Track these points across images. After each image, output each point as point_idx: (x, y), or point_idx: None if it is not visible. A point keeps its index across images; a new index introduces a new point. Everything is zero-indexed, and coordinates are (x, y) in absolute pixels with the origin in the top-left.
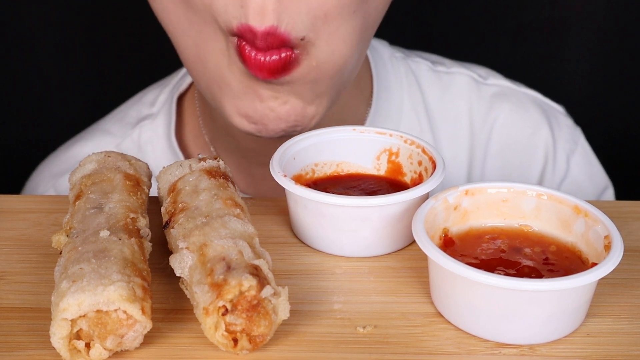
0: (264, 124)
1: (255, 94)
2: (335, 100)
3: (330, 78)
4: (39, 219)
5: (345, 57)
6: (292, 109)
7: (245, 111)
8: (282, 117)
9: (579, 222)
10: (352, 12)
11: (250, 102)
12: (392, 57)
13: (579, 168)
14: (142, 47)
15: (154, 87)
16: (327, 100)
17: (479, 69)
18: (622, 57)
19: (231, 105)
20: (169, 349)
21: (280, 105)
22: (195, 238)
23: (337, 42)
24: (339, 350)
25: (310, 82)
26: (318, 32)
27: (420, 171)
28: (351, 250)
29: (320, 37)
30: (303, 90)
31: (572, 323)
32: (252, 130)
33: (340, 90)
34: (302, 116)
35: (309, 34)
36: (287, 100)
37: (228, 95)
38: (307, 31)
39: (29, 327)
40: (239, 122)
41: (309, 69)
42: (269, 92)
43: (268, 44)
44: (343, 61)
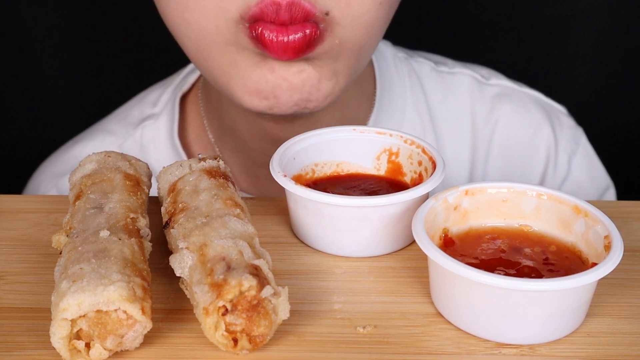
0: (275, 96)
1: (266, 66)
2: (349, 83)
3: (349, 58)
4: (39, 219)
5: (364, 42)
6: (308, 78)
7: (256, 86)
8: (295, 87)
9: (579, 222)
10: (378, 3)
11: (261, 74)
12: (395, 57)
13: (581, 169)
14: (143, 47)
15: (156, 86)
16: (344, 80)
17: (481, 69)
18: (624, 57)
19: (240, 85)
20: (169, 349)
21: (294, 74)
22: (195, 238)
23: (360, 26)
24: (339, 350)
25: (332, 57)
26: (343, 13)
27: (420, 171)
28: (351, 250)
29: (345, 18)
30: (322, 65)
31: (572, 323)
32: (264, 107)
33: (355, 74)
34: (317, 89)
35: (333, 11)
36: (302, 68)
37: (236, 76)
38: (331, 7)
39: (29, 327)
40: (249, 100)
41: (332, 46)
42: (282, 64)
43: (292, 15)
44: (361, 45)
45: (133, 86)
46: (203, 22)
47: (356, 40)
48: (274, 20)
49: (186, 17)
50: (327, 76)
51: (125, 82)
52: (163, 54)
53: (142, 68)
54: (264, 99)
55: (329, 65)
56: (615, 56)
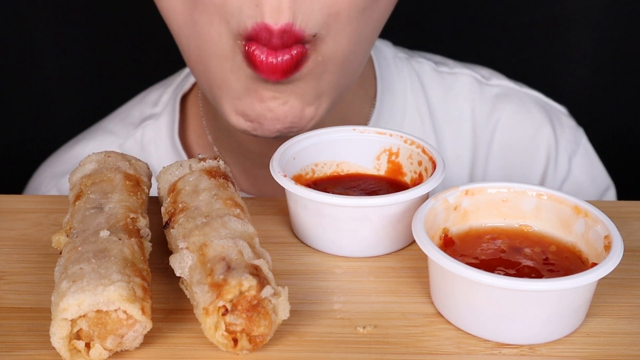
0: (260, 123)
1: (255, 95)
2: (336, 102)
3: (333, 74)
4: (39, 219)
5: (347, 54)
6: (291, 109)
7: (243, 110)
8: (279, 118)
9: (579, 222)
10: (361, 9)
11: (250, 102)
12: (395, 57)
13: (581, 169)
14: (144, 47)
15: (156, 86)
16: (328, 102)
17: (481, 70)
18: (623, 57)
19: (230, 104)
20: (169, 349)
21: (279, 105)
22: (195, 238)
23: (343, 38)
24: (339, 350)
25: (315, 78)
26: (329, 29)
27: (420, 171)
28: (351, 250)
29: (329, 34)
30: (306, 89)
31: (572, 323)
32: (248, 128)
33: (342, 92)
34: (300, 118)
35: (320, 31)
36: (286, 100)
37: (228, 95)
38: (320, 28)
39: (29, 327)
40: (235, 120)
41: (316, 64)
42: (270, 93)
43: (284, 42)
44: (344, 58)
45: (133, 86)
46: (208, 27)
47: (338, 54)
48: (266, 44)
49: (195, 18)
50: (309, 101)
51: (126, 82)
52: (163, 54)
53: (142, 68)
54: (249, 121)
55: (313, 88)
56: (615, 56)
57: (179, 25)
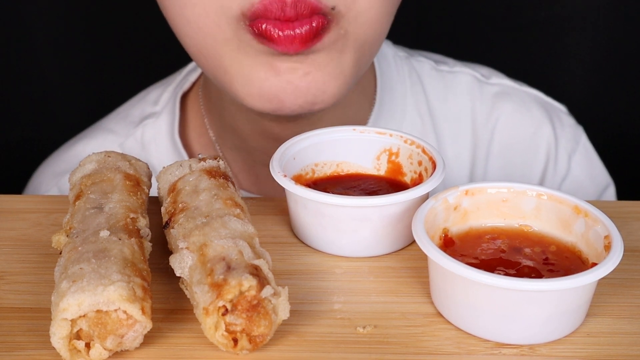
0: (280, 100)
1: (270, 67)
2: (355, 81)
3: (355, 51)
4: (39, 219)
5: (368, 37)
6: (313, 81)
7: (260, 88)
8: (301, 91)
9: (579, 222)
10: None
11: (265, 76)
12: (395, 56)
13: (581, 167)
14: (143, 46)
15: (157, 85)
16: (350, 78)
17: (481, 69)
18: (623, 56)
19: (244, 86)
20: (169, 349)
21: (300, 77)
22: (195, 238)
23: (365, 21)
24: (339, 350)
25: (338, 51)
26: (349, 6)
27: (420, 171)
28: (351, 250)
29: (349, 12)
30: (328, 61)
31: (572, 323)
32: (268, 109)
33: (359, 75)
34: (323, 91)
35: (339, 5)
36: (308, 71)
37: (239, 76)
38: (338, 1)
39: (29, 327)
40: (252, 102)
41: (338, 37)
42: (286, 65)
43: (298, 11)
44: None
45: (134, 85)
46: (202, 20)
47: (361, 34)
48: (279, 17)
49: (186, 15)
50: (333, 75)
51: (126, 81)
52: (163, 53)
53: (142, 67)
54: (268, 101)
55: (335, 60)
56: (615, 56)
57: (176, 22)
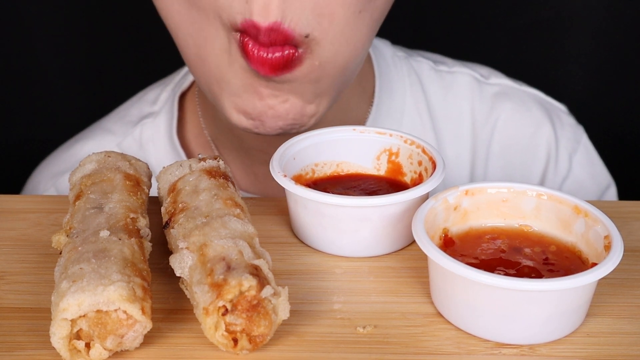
0: (261, 120)
1: (255, 92)
2: (336, 99)
3: (333, 77)
4: (39, 219)
5: (348, 58)
6: (292, 107)
7: (244, 108)
8: (280, 115)
9: (579, 222)
10: (358, 11)
11: (250, 99)
12: (394, 56)
13: (581, 167)
14: (143, 46)
15: (155, 85)
16: (328, 100)
17: (480, 69)
18: (623, 56)
19: (230, 102)
20: (169, 349)
21: (279, 103)
22: (195, 238)
23: (342, 42)
24: (339, 350)
25: (312, 81)
26: (324, 32)
27: (420, 171)
28: (351, 250)
29: (326, 37)
30: (304, 90)
31: (572, 323)
32: (250, 126)
33: (342, 89)
34: (301, 115)
35: (313, 32)
36: (287, 98)
37: (227, 92)
38: (312, 29)
39: (29, 327)
40: (237, 118)
41: (312, 68)
42: (269, 91)
43: (271, 40)
44: (345, 62)
45: (133, 85)
46: (205, 23)
47: (338, 59)
48: (255, 40)
49: (192, 15)
50: (309, 99)
51: (125, 82)
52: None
53: (142, 68)
54: (250, 119)
55: (311, 89)
56: (615, 56)
57: (177, 23)
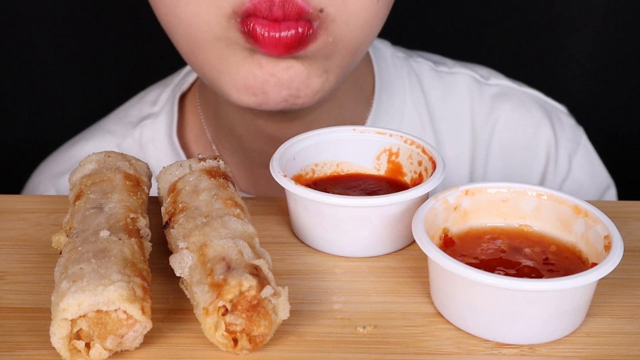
0: (264, 92)
1: (254, 62)
2: (340, 80)
3: (343, 57)
4: (39, 219)
5: (360, 40)
6: (296, 74)
7: (244, 82)
8: (284, 83)
9: (579, 222)
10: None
11: (249, 70)
12: (394, 56)
13: (581, 168)
14: (143, 47)
15: (155, 86)
16: (334, 78)
17: (480, 69)
18: (623, 57)
19: (229, 81)
20: (169, 349)
21: (282, 70)
22: (195, 238)
23: (356, 24)
24: (339, 350)
25: (323, 57)
26: (339, 9)
27: (420, 171)
28: (351, 250)
29: (341, 15)
30: (313, 62)
31: (572, 323)
32: (253, 103)
33: (347, 72)
34: (306, 85)
35: (327, 8)
36: (290, 65)
37: (225, 72)
38: (326, 4)
39: (29, 327)
40: (238, 96)
41: (325, 44)
42: (271, 60)
43: (285, 12)
44: (358, 44)
45: (133, 86)
46: (194, 18)
47: (351, 38)
48: (267, 16)
49: (177, 14)
50: (316, 73)
51: (125, 82)
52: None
53: (142, 68)
54: (253, 95)
55: (320, 63)
56: (615, 56)
57: (168, 22)
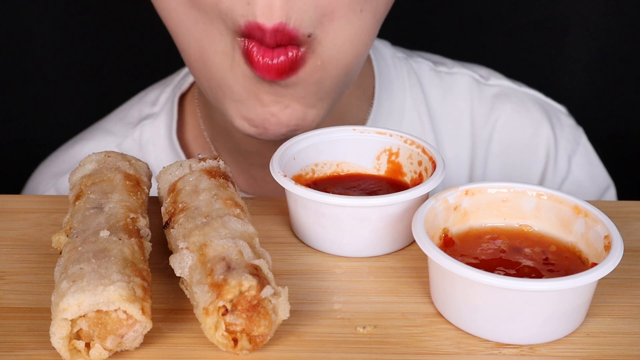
0: (265, 127)
1: (257, 99)
2: (337, 101)
3: (334, 78)
4: (39, 219)
5: (350, 58)
6: (293, 113)
7: (247, 115)
8: (282, 122)
9: (579, 222)
10: (359, 10)
11: (252, 106)
12: (394, 57)
13: (581, 168)
14: (143, 47)
15: (155, 86)
16: (329, 103)
17: (480, 69)
18: (622, 56)
19: (233, 108)
20: (169, 349)
21: (281, 110)
22: (195, 238)
23: (344, 41)
24: (339, 350)
25: (315, 83)
26: (325, 30)
27: (420, 171)
28: (351, 250)
29: (327, 36)
30: (306, 93)
31: (572, 323)
32: (254, 133)
33: (344, 90)
34: (303, 120)
35: (315, 31)
36: (288, 104)
37: (230, 98)
38: (314, 28)
39: (29, 327)
40: (241, 124)
41: (314, 69)
42: (271, 97)
43: (277, 41)
44: (348, 62)
45: (133, 86)
46: (208, 24)
47: (340, 58)
48: (260, 42)
49: (194, 16)
50: (311, 104)
51: (125, 82)
52: (163, 54)
53: (142, 68)
54: (254, 126)
55: (314, 92)
56: (615, 56)
57: (177, 24)
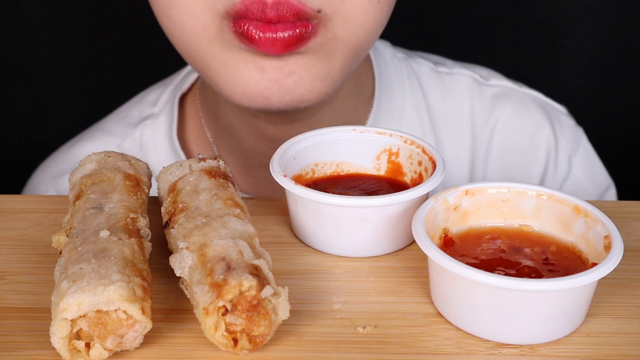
0: (266, 98)
1: (254, 65)
2: (342, 81)
3: (344, 55)
4: (39, 219)
5: (361, 40)
6: (299, 80)
7: (244, 87)
8: (287, 89)
9: (579, 222)
10: (375, 2)
11: (249, 75)
12: (394, 57)
13: (581, 168)
14: (143, 47)
15: (155, 87)
16: (337, 79)
17: (480, 70)
18: (623, 57)
19: (228, 85)
20: (169, 349)
21: (285, 76)
22: (195, 238)
23: (356, 24)
24: (339, 350)
25: (326, 53)
26: (336, 9)
27: (420, 171)
28: (351, 250)
29: (338, 15)
30: (314, 63)
31: (572, 323)
32: (254, 107)
33: (349, 73)
34: (309, 90)
35: (325, 9)
36: (293, 70)
37: (224, 75)
38: (324, 5)
39: (29, 327)
40: (238, 100)
41: (325, 40)
42: (271, 63)
43: (279, 14)
44: (359, 43)
45: (133, 86)
46: (187, 20)
47: (352, 38)
48: (260, 18)
49: (171, 15)
50: (319, 76)
51: (125, 82)
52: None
53: (142, 68)
54: (253, 100)
55: (323, 62)
56: (615, 56)
57: (163, 24)
